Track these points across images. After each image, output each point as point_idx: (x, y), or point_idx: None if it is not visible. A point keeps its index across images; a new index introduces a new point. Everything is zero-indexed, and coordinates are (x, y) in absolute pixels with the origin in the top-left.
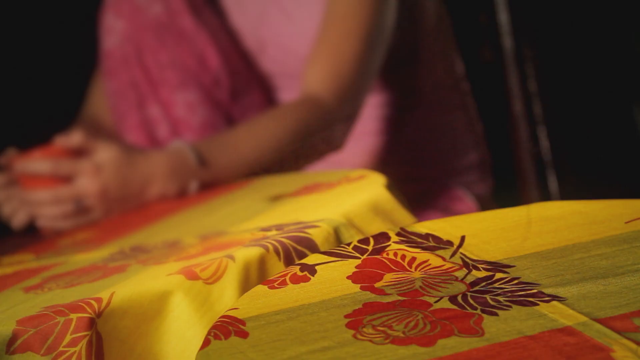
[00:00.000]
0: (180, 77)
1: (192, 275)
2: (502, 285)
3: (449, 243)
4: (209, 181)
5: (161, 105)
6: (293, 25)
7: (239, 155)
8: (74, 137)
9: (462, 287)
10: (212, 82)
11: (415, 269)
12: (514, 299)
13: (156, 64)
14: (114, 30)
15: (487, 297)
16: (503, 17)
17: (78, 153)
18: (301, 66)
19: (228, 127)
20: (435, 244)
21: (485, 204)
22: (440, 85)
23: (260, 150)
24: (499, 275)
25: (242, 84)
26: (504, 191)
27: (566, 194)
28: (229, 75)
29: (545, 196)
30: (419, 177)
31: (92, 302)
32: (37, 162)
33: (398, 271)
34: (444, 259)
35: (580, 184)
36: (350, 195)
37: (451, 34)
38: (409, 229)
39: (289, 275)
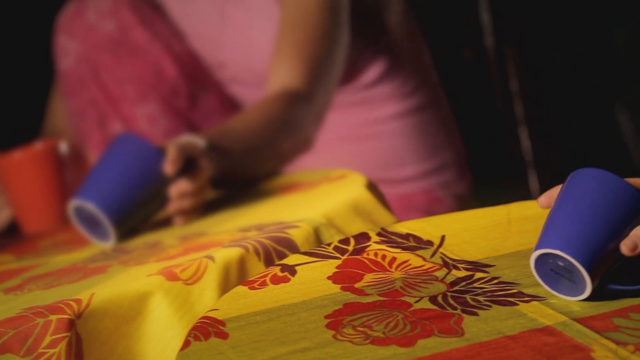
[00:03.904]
0: (138, 91)
1: (172, 276)
2: (482, 285)
3: (429, 243)
4: (224, 169)
5: (122, 121)
6: (249, 45)
7: (242, 143)
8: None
9: (442, 287)
10: (170, 92)
11: (396, 269)
12: (494, 298)
13: (113, 80)
14: (68, 52)
15: (467, 296)
16: (484, 17)
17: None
18: (260, 79)
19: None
20: (415, 243)
21: (465, 203)
22: (412, 85)
23: (256, 141)
24: (479, 274)
25: (200, 89)
26: (485, 190)
27: None
28: (186, 82)
29: (526, 195)
30: (396, 179)
31: (72, 303)
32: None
33: (378, 271)
34: (424, 258)
35: (561, 184)
36: (330, 195)
37: (420, 33)
38: (390, 229)
39: (269, 275)
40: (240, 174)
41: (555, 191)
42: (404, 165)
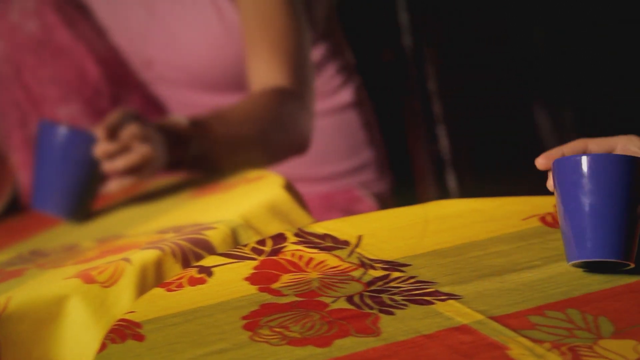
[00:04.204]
0: (61, 92)
1: (88, 279)
2: (399, 284)
3: (346, 243)
4: (208, 149)
5: None
6: (178, 43)
7: (228, 128)
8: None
9: (359, 287)
10: (93, 93)
11: (313, 270)
12: (411, 297)
13: (36, 81)
14: None
15: (384, 296)
16: (403, 16)
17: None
18: (189, 78)
19: None
20: (332, 244)
21: (384, 203)
22: (335, 84)
23: (248, 129)
24: (395, 274)
25: (123, 90)
26: (404, 190)
27: (465, 193)
28: (109, 83)
29: (445, 195)
30: (317, 177)
31: None
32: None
33: (295, 272)
34: (341, 259)
35: (480, 183)
36: (248, 196)
37: (342, 33)
38: (307, 230)
39: (186, 277)
40: (223, 158)
41: (555, 152)
42: (325, 164)
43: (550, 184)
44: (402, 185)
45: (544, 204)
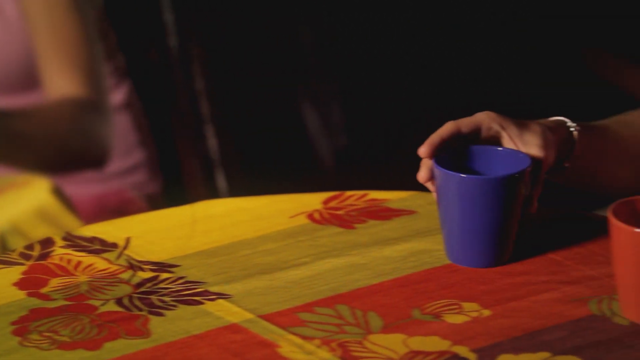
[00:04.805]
0: None
1: None
2: (168, 285)
3: (115, 245)
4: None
5: None
6: None
7: (30, 126)
8: None
9: (128, 289)
10: None
11: (82, 273)
12: (180, 298)
13: None
14: None
15: (153, 297)
16: (168, 17)
17: None
18: None
19: None
20: (101, 246)
21: (156, 204)
22: (105, 86)
23: (36, 130)
24: (164, 275)
25: None
26: (174, 191)
27: (235, 192)
28: None
29: (215, 194)
30: (89, 179)
31: None
32: None
33: (64, 276)
34: (109, 261)
35: (249, 182)
36: (15, 202)
37: (113, 34)
38: (75, 233)
39: None
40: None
41: (434, 138)
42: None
43: (421, 175)
44: (173, 186)
45: (311, 202)
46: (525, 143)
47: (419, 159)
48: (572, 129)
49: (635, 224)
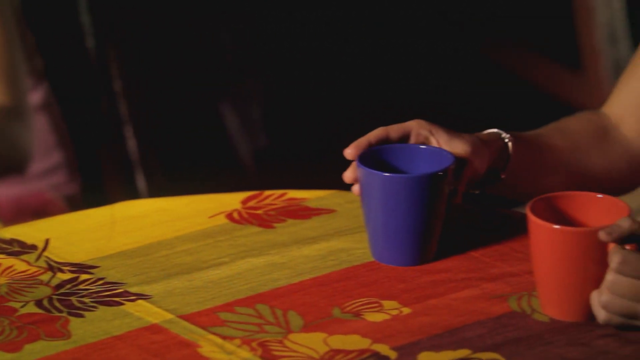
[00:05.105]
0: None
1: None
2: (88, 287)
3: (34, 247)
4: None
5: None
6: None
7: None
8: None
9: (47, 291)
10: None
11: (1, 275)
12: (100, 299)
13: None
14: None
15: (73, 299)
16: (85, 18)
17: None
18: None
19: None
20: (20, 248)
21: (75, 205)
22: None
23: None
24: (84, 276)
25: None
26: (94, 192)
27: (155, 192)
28: None
29: (135, 195)
30: (7, 181)
31: None
32: None
33: None
34: (29, 263)
35: (169, 182)
36: None
37: (30, 36)
38: None
39: None
40: None
41: (362, 141)
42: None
43: (347, 175)
44: (92, 187)
45: (230, 201)
46: (453, 148)
47: (339, 159)
48: (506, 140)
49: (553, 221)
